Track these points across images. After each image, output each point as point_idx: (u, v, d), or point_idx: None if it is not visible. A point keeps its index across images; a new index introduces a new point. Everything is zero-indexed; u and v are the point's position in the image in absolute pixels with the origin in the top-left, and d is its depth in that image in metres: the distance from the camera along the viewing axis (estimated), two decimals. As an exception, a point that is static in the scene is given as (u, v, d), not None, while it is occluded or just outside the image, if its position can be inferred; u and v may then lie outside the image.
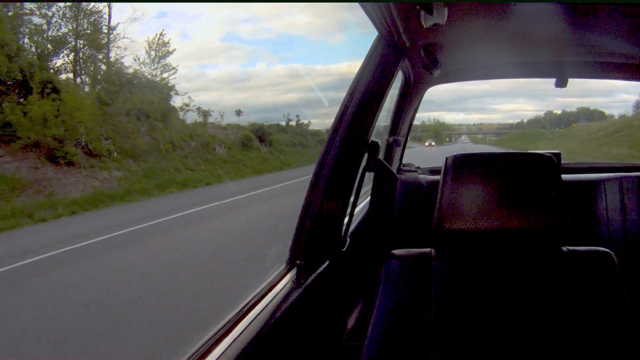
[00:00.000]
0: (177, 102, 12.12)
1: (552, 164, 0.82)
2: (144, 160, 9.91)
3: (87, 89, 10.67)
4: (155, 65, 12.22)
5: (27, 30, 10.11)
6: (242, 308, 0.87)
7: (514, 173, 0.82)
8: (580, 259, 0.82)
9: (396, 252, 0.87)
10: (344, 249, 1.18)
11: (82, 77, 11.36)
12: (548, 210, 0.80)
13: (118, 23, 11.77)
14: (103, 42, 11.33)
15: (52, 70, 10.00)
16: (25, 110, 8.32)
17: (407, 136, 1.98)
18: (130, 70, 11.79)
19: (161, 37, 12.23)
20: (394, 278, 0.84)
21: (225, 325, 0.80)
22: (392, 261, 0.85)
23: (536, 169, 0.82)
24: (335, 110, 1.08)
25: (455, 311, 0.80)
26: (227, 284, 3.77)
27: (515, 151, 0.87)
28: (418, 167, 1.84)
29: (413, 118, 1.95)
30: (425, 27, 0.98)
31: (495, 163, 0.83)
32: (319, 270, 1.06)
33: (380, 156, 1.36)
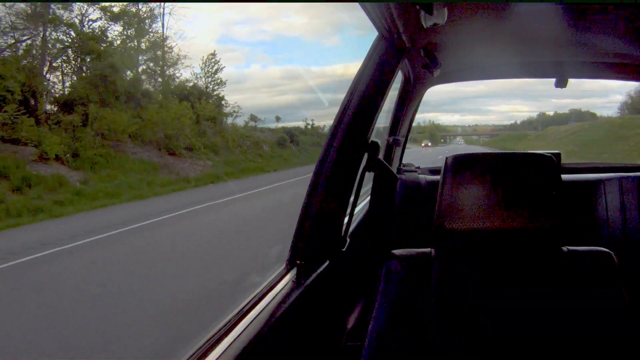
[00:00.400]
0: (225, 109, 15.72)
1: (552, 164, 0.82)
2: (221, 154, 13.62)
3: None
4: (209, 79, 14.96)
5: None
6: (242, 308, 0.87)
7: (514, 173, 0.82)
8: (580, 259, 0.82)
9: (396, 252, 0.87)
10: (344, 249, 1.18)
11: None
12: (548, 210, 0.80)
13: (176, 43, 14.59)
14: (171, 61, 14.38)
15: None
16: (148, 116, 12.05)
17: (407, 136, 1.98)
18: (190, 84, 14.54)
19: (213, 57, 15.08)
20: (394, 278, 0.84)
21: (225, 325, 0.80)
22: (392, 261, 0.85)
23: (536, 169, 0.82)
24: (332, 111, 1.09)
25: (455, 311, 0.80)
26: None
27: (515, 151, 0.87)
28: (418, 167, 1.84)
29: (413, 118, 1.95)
30: (425, 27, 0.98)
31: (495, 163, 0.83)
32: (319, 270, 1.06)
33: (380, 156, 1.36)
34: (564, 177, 0.87)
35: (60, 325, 3.46)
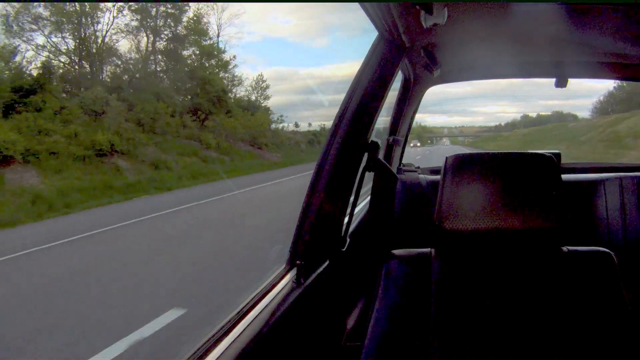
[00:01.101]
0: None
1: (552, 164, 0.82)
2: (281, 150, 19.21)
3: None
4: (259, 95, 20.63)
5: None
6: (242, 308, 0.87)
7: (514, 173, 0.82)
8: (580, 259, 0.82)
9: (396, 252, 0.87)
10: (344, 249, 1.18)
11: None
12: (548, 210, 0.80)
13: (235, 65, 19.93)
14: (237, 81, 19.90)
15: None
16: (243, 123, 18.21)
17: (407, 136, 1.98)
18: (245, 98, 20.10)
19: (261, 77, 20.57)
20: (394, 278, 0.84)
21: (225, 325, 0.80)
22: (392, 261, 0.85)
23: (536, 169, 0.82)
24: (318, 113, 1.10)
25: (455, 311, 0.80)
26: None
27: (515, 151, 0.87)
28: (418, 167, 1.84)
29: (413, 118, 1.95)
30: (425, 27, 0.98)
31: (495, 163, 0.83)
32: (319, 270, 1.06)
33: (380, 156, 1.36)
34: (564, 177, 0.87)
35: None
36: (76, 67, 14.59)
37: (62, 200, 9.08)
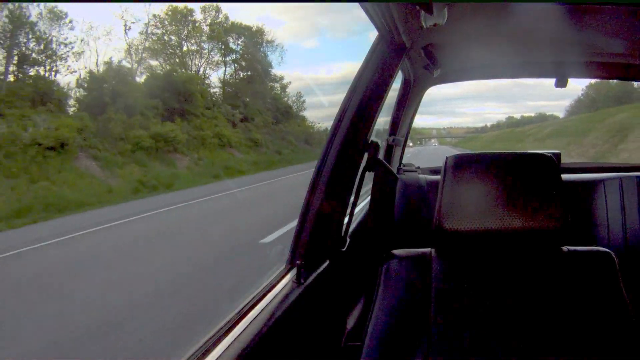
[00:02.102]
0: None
1: (552, 164, 0.82)
2: (321, 145, 21.14)
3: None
4: (298, 106, 25.10)
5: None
6: (242, 308, 0.87)
7: (514, 173, 0.82)
8: (580, 259, 0.82)
9: (396, 252, 0.87)
10: (344, 249, 1.18)
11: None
12: (548, 210, 0.80)
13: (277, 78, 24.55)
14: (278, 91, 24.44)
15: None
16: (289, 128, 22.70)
17: (407, 136, 1.98)
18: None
19: (299, 93, 25.25)
20: (394, 278, 0.84)
21: (225, 325, 0.80)
22: (392, 261, 0.85)
23: (536, 169, 0.82)
24: (319, 114, 1.12)
25: (455, 311, 0.80)
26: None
27: (515, 151, 0.87)
28: (418, 167, 1.84)
29: (413, 118, 1.95)
30: (425, 27, 0.98)
31: (495, 163, 0.83)
32: (319, 270, 1.06)
33: (380, 156, 1.36)
34: (564, 177, 0.87)
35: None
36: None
37: (241, 168, 15.62)
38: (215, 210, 8.39)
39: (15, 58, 12.90)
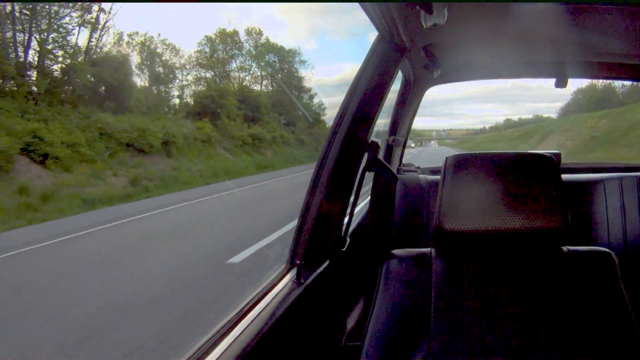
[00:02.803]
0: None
1: (552, 164, 0.82)
2: None
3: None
4: (321, 113, 27.22)
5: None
6: (242, 308, 0.87)
7: (514, 173, 0.82)
8: (580, 259, 0.82)
9: (396, 252, 0.87)
10: (344, 249, 1.18)
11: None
12: (548, 210, 0.79)
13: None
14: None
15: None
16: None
17: (407, 136, 1.98)
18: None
19: (321, 102, 27.74)
20: (394, 278, 0.84)
21: (225, 325, 0.81)
22: (392, 261, 0.85)
23: (536, 169, 0.82)
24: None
25: (455, 311, 0.80)
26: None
27: (515, 151, 0.87)
28: (418, 167, 1.84)
29: (413, 118, 1.95)
30: (425, 27, 0.98)
31: (495, 163, 0.83)
32: (319, 270, 1.06)
33: (380, 156, 1.36)
34: (564, 177, 0.87)
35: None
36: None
37: (300, 159, 19.61)
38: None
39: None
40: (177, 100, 20.39)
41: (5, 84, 11.44)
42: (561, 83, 1.67)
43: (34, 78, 12.72)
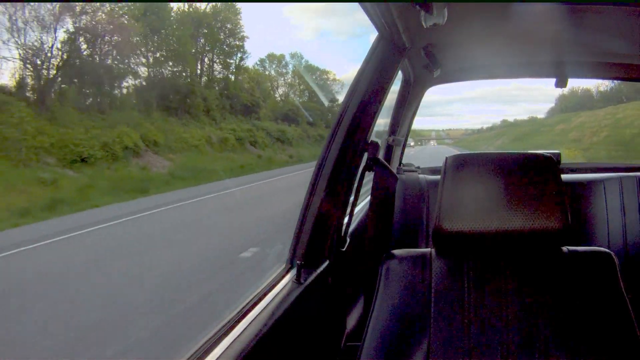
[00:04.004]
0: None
1: (552, 164, 0.82)
2: None
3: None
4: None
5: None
6: (242, 308, 0.87)
7: (514, 173, 0.81)
8: (580, 259, 0.82)
9: (396, 252, 0.87)
10: (343, 249, 1.18)
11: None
12: (548, 210, 0.79)
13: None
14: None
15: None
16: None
17: (407, 136, 1.98)
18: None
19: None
20: (394, 278, 0.84)
21: (225, 325, 0.81)
22: (392, 261, 0.85)
23: (536, 169, 0.82)
24: None
25: (455, 311, 0.80)
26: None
27: (515, 151, 0.87)
28: (418, 167, 1.84)
29: (413, 118, 1.95)
30: (425, 27, 0.98)
31: (495, 163, 0.83)
32: (319, 270, 1.06)
33: (380, 156, 1.36)
34: (564, 177, 0.87)
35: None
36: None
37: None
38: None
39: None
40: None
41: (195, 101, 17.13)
42: (561, 83, 1.67)
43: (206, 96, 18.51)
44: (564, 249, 0.84)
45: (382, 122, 1.75)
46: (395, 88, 1.71)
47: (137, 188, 9.82)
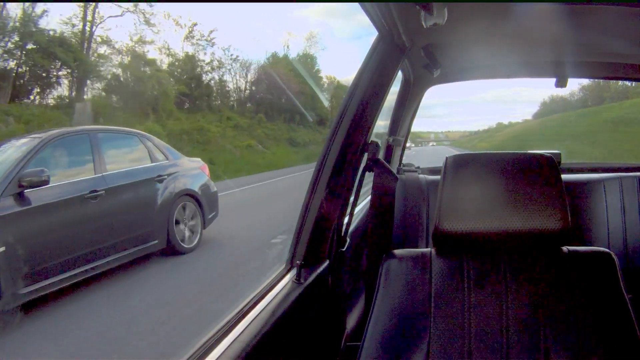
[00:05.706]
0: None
1: (552, 164, 0.82)
2: None
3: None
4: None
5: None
6: (242, 308, 0.87)
7: (514, 173, 0.81)
8: (580, 260, 0.82)
9: (396, 252, 0.87)
10: (343, 249, 1.18)
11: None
12: (548, 210, 0.79)
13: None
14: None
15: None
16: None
17: (407, 136, 1.98)
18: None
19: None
20: (394, 278, 0.84)
21: (225, 325, 0.81)
22: (392, 261, 0.85)
23: (536, 169, 0.82)
24: None
25: (455, 311, 0.80)
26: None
27: (515, 152, 0.87)
28: (418, 167, 1.84)
29: (413, 118, 1.95)
30: (425, 27, 0.98)
31: (495, 163, 0.83)
32: (319, 270, 1.06)
33: (380, 156, 1.36)
34: (564, 177, 0.87)
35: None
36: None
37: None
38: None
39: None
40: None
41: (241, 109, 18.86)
42: (561, 83, 1.68)
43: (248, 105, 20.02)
44: (564, 249, 0.84)
45: (382, 122, 1.75)
46: (395, 89, 1.71)
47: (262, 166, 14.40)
